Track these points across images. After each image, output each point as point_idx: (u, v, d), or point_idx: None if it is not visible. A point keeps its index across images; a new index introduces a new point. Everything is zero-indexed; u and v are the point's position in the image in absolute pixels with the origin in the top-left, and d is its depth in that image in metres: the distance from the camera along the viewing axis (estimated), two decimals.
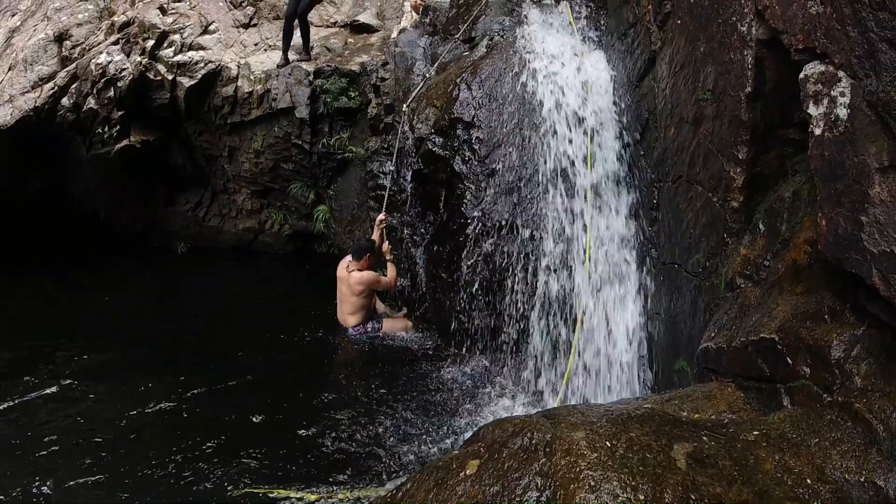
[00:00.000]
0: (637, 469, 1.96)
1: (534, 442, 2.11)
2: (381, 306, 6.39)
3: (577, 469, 1.95)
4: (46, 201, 8.77)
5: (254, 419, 4.65)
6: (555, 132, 5.07)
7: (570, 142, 5.01)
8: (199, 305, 7.48)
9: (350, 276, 5.95)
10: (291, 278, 8.37)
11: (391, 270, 6.02)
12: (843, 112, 2.29)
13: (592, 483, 1.90)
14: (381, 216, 6.13)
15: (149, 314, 7.08)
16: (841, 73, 2.31)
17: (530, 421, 2.26)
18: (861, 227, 2.18)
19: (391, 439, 4.29)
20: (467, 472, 2.12)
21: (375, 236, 6.11)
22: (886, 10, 2.03)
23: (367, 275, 5.93)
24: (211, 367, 5.54)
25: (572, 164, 4.98)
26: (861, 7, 2.12)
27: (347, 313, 6.04)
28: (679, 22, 3.89)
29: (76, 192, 9.00)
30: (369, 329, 6.08)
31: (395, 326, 6.12)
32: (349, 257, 6.06)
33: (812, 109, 2.44)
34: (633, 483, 1.90)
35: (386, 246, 6.08)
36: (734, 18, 3.18)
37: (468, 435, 2.96)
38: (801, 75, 2.52)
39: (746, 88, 3.06)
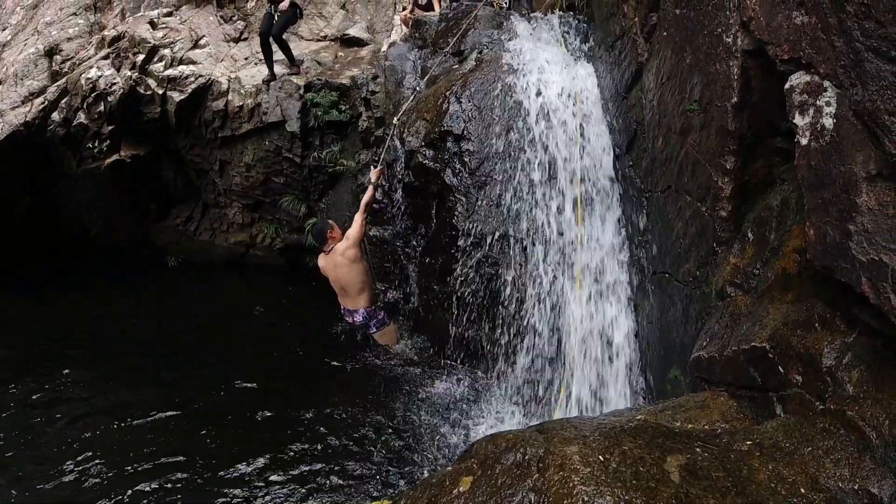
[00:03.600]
0: (630, 483, 1.94)
1: (527, 457, 2.09)
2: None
3: (571, 484, 1.93)
4: (39, 217, 8.74)
5: (242, 435, 4.61)
6: (544, 144, 5.09)
7: (560, 153, 5.02)
8: (191, 320, 7.44)
9: (334, 252, 5.80)
10: (284, 292, 8.34)
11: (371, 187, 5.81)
12: (829, 122, 2.30)
13: (586, 498, 1.88)
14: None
15: (140, 328, 7.05)
16: (826, 83, 2.32)
17: (523, 435, 2.24)
18: (849, 236, 2.18)
19: (383, 455, 4.26)
20: (461, 489, 2.10)
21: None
22: (872, 19, 2.04)
23: (347, 236, 5.76)
24: (200, 381, 5.53)
25: (562, 174, 4.99)
26: (846, 17, 2.13)
27: (357, 293, 5.84)
28: (665, 34, 3.92)
29: (68, 208, 8.97)
30: (380, 317, 5.93)
31: (388, 337, 6.05)
32: (322, 253, 6.00)
33: (798, 119, 2.45)
34: (627, 497, 1.88)
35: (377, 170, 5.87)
36: (719, 30, 3.20)
37: (462, 450, 2.94)
38: (787, 85, 2.53)
39: (733, 99, 3.08)
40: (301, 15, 8.34)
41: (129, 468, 4.19)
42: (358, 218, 5.78)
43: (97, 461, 4.30)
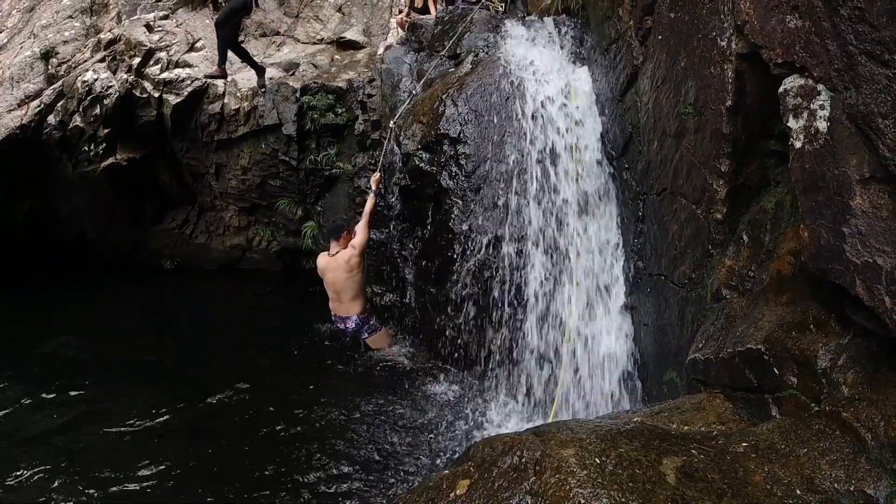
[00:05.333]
0: (626, 485, 1.95)
1: (524, 460, 2.09)
2: None
3: (567, 487, 1.94)
4: (34, 222, 8.71)
5: (237, 440, 4.59)
6: (539, 146, 5.10)
7: (555, 155, 5.04)
8: (186, 323, 7.42)
9: (338, 257, 5.82)
10: (280, 295, 8.33)
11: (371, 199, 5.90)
12: (822, 125, 2.32)
13: (582, 501, 1.89)
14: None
15: (135, 331, 7.03)
16: (820, 87, 2.33)
17: (520, 439, 2.24)
18: (843, 239, 2.19)
19: (380, 459, 4.25)
20: (458, 492, 2.10)
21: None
22: (866, 22, 2.04)
23: (353, 245, 5.77)
24: (194, 383, 5.52)
25: (558, 177, 5.00)
26: (840, 20, 2.14)
27: (350, 299, 5.84)
28: (660, 37, 3.94)
29: (65, 212, 8.94)
30: (372, 322, 5.93)
31: (380, 341, 6.05)
32: (324, 254, 6.02)
33: (792, 123, 2.47)
34: (623, 500, 1.89)
35: (376, 177, 5.97)
36: (714, 33, 3.22)
37: (459, 453, 2.94)
38: (781, 89, 2.55)
39: (727, 102, 3.10)
40: (256, 4, 8.03)
41: (125, 469, 4.19)
42: (362, 227, 5.81)
43: (93, 462, 4.30)
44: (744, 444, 2.26)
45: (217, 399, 5.23)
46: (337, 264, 5.84)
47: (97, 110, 8.07)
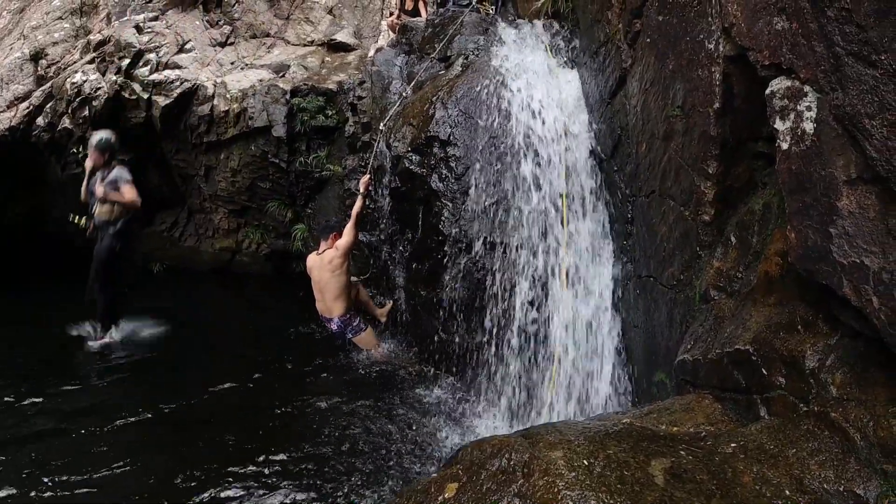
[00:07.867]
0: (615, 487, 1.94)
1: (512, 463, 2.08)
2: (363, 294, 6.25)
3: (555, 489, 1.93)
4: (34, 222, 8.65)
5: (226, 443, 4.57)
6: (529, 149, 5.10)
7: (544, 158, 5.04)
8: (176, 326, 7.36)
9: (324, 256, 5.85)
10: (269, 298, 8.29)
11: (359, 200, 5.81)
12: (809, 126, 2.32)
13: (570, 503, 1.87)
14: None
15: (132, 334, 6.98)
16: (807, 88, 2.34)
17: (508, 441, 2.23)
18: (830, 240, 2.19)
19: (369, 463, 4.23)
20: (446, 495, 2.09)
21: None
22: (853, 23, 2.05)
23: (337, 245, 5.78)
24: (184, 388, 5.49)
25: (547, 179, 5.00)
26: (827, 22, 2.15)
27: (332, 299, 5.85)
28: (648, 40, 3.95)
29: (53, 215, 8.86)
30: (355, 323, 5.94)
31: (367, 341, 6.03)
32: (314, 252, 6.05)
33: (779, 124, 2.47)
34: (611, 501, 1.88)
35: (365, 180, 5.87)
36: (702, 36, 3.23)
37: (447, 456, 2.93)
38: (768, 91, 2.55)
39: (715, 104, 3.10)
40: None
41: (123, 468, 4.18)
42: (349, 229, 5.79)
43: (91, 460, 4.27)
44: (732, 445, 2.26)
45: (202, 402, 5.21)
46: (322, 263, 5.85)
47: (86, 112, 8.02)
